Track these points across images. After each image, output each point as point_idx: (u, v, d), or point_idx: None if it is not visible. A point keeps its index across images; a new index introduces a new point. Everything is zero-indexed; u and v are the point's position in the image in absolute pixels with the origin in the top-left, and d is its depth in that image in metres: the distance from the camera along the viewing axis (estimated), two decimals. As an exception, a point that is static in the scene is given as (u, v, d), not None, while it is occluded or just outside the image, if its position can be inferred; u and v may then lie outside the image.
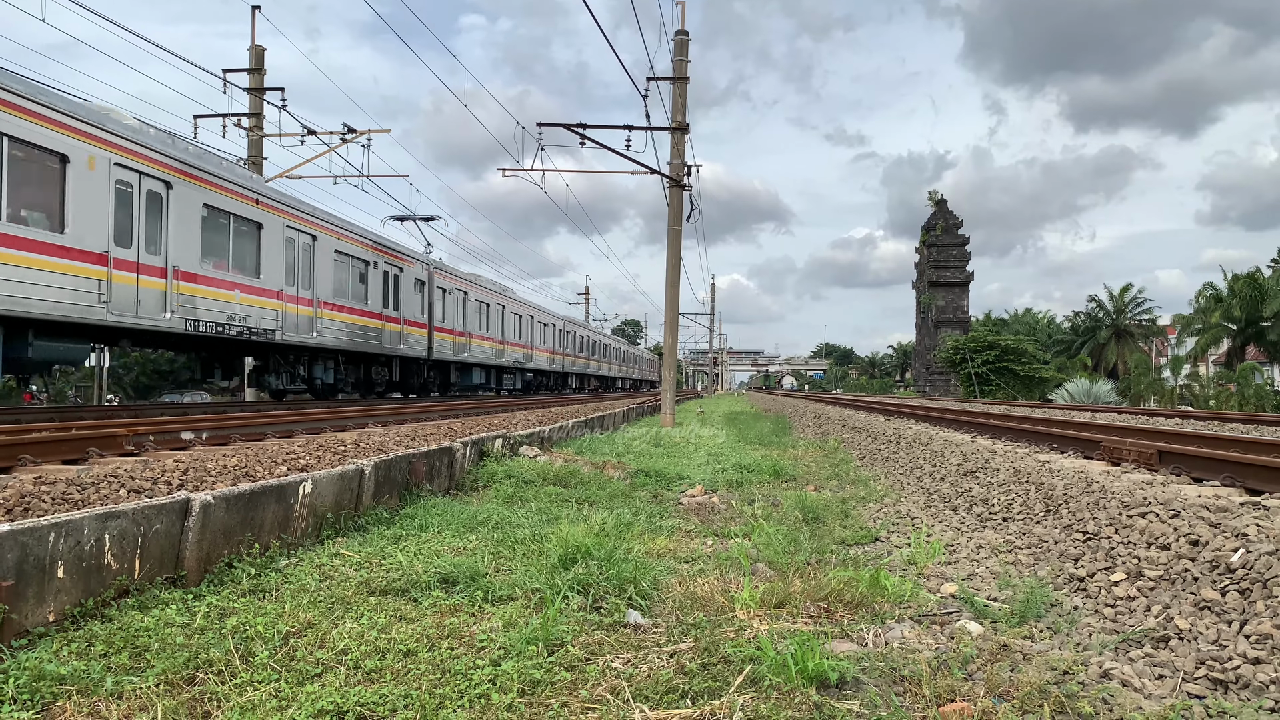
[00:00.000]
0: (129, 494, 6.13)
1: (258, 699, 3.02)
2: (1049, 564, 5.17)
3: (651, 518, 7.04)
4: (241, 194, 17.11)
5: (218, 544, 4.65)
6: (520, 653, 3.51)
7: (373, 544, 5.54)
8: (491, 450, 9.93)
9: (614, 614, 4.18)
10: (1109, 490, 5.78)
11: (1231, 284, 53.78)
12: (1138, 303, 71.97)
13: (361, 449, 9.73)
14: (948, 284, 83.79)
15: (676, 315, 21.85)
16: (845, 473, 10.93)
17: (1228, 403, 38.50)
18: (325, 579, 4.64)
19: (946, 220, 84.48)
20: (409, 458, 7.53)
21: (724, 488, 9.38)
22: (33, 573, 3.56)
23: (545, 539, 5.56)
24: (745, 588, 4.48)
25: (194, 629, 3.68)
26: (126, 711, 2.89)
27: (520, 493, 8.04)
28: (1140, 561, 4.54)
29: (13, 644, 3.36)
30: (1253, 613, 3.64)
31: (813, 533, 6.60)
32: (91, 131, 13.01)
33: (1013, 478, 7.40)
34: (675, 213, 20.93)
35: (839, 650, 3.68)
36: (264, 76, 25.31)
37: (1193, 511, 4.77)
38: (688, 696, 3.15)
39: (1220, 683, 3.30)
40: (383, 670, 3.33)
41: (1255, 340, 53.06)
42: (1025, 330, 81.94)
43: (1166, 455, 6.85)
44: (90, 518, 3.88)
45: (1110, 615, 4.21)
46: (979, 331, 69.74)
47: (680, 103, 20.86)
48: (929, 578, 5.21)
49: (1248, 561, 3.96)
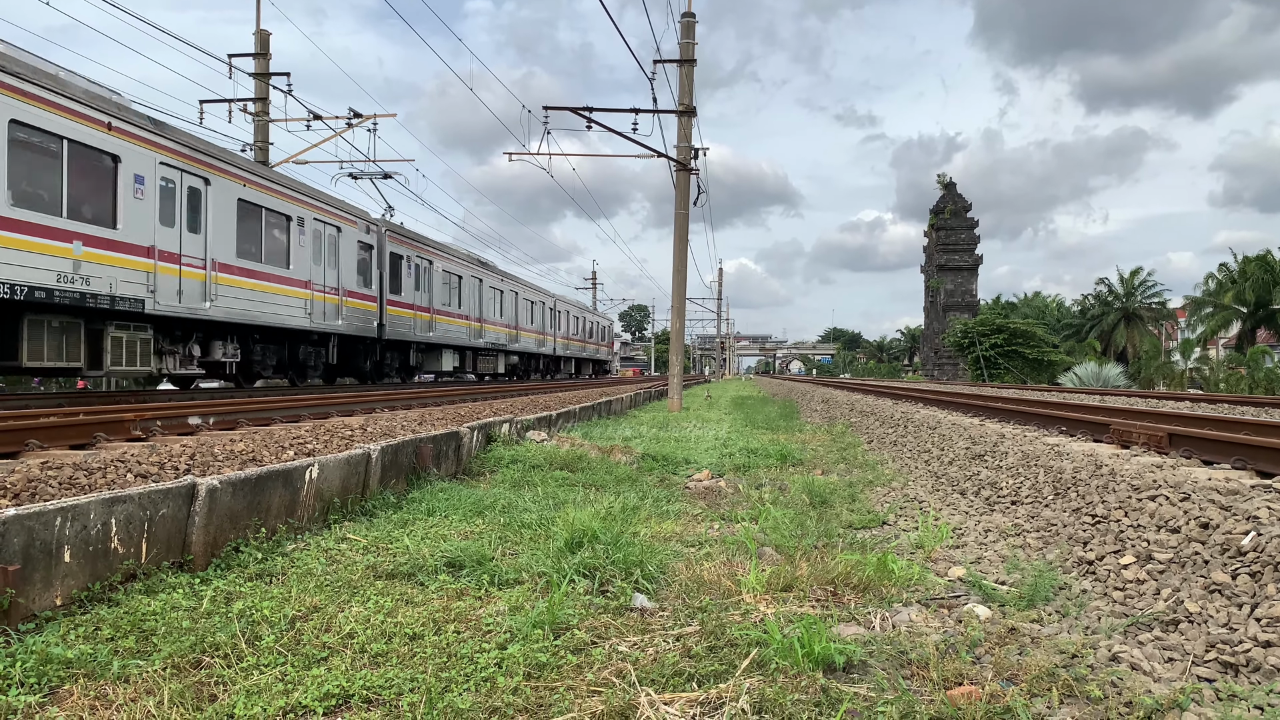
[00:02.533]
0: (136, 478, 6.15)
1: (264, 682, 3.02)
2: (1058, 547, 5.14)
3: (658, 502, 7.03)
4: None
5: (224, 528, 4.66)
6: (526, 636, 3.50)
7: (379, 528, 5.54)
8: (498, 435, 9.93)
9: (620, 598, 4.17)
10: (1118, 473, 5.74)
11: (1243, 266, 53.42)
12: (1147, 286, 71.60)
13: (368, 434, 9.74)
14: (956, 267, 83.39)
15: (684, 300, 21.80)
16: (853, 457, 10.91)
17: (1238, 386, 38.30)
18: (331, 563, 4.65)
19: (955, 203, 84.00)
20: (416, 442, 7.53)
21: (731, 472, 9.37)
22: (40, 557, 3.57)
23: (552, 523, 5.55)
24: (752, 571, 4.47)
25: (200, 613, 3.69)
26: (133, 695, 2.89)
27: (527, 477, 8.04)
28: (1150, 545, 4.51)
29: (20, 628, 3.37)
30: (1264, 596, 3.61)
31: (820, 516, 6.58)
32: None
33: (1021, 461, 7.36)
34: (682, 197, 20.86)
35: (846, 634, 3.67)
36: (269, 61, 25.23)
37: (1203, 494, 4.74)
38: (694, 680, 3.14)
39: (1230, 666, 3.28)
40: (389, 654, 3.33)
41: (1266, 323, 52.74)
42: (1034, 314, 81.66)
43: (1177, 438, 6.80)
44: (97, 502, 3.89)
45: (1119, 599, 4.18)
46: (987, 315, 69.48)
47: (687, 85, 20.75)
48: (936, 561, 5.19)
49: (1259, 544, 3.92)
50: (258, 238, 17.92)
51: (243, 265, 17.28)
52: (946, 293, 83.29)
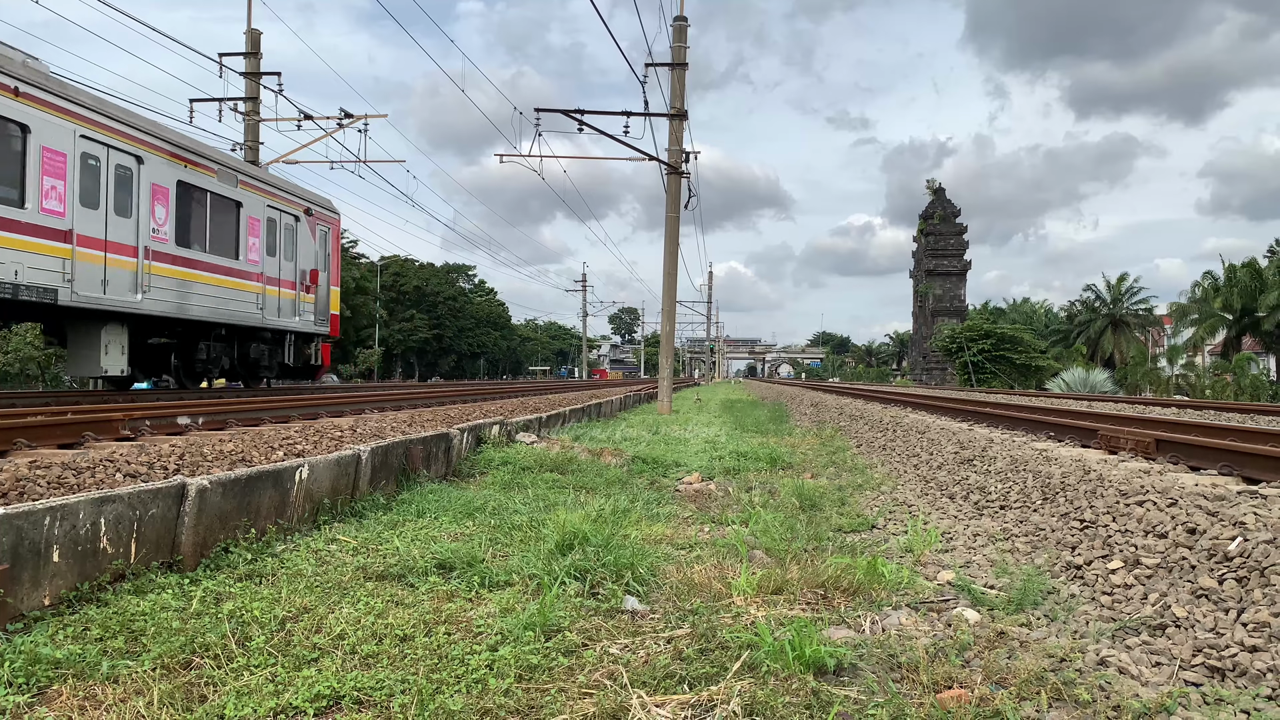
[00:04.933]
0: (125, 478, 6.11)
1: (254, 683, 3.01)
2: (1046, 552, 5.17)
3: (649, 504, 7.03)
4: None
5: (214, 529, 4.64)
6: (517, 638, 3.50)
7: (369, 529, 5.53)
8: (489, 437, 9.92)
9: (611, 600, 4.18)
10: (1106, 478, 5.78)
11: (1229, 273, 53.81)
12: (1134, 292, 72.05)
13: (358, 435, 9.72)
14: (945, 273, 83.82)
15: (674, 303, 21.83)
16: (842, 460, 10.93)
17: (1224, 393, 38.58)
18: (322, 564, 4.64)
19: (944, 209, 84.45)
20: (406, 444, 7.52)
21: (721, 475, 9.38)
22: (28, 556, 3.55)
23: (542, 525, 5.55)
24: (743, 574, 4.48)
25: (190, 613, 3.67)
26: (122, 695, 2.88)
27: (517, 479, 8.03)
28: (1138, 550, 4.54)
29: (8, 628, 3.35)
30: (1250, 601, 3.64)
31: (810, 520, 6.60)
32: None
33: (1010, 466, 7.40)
34: (673, 200, 20.89)
35: (836, 637, 3.68)
36: (260, 61, 25.15)
37: (1190, 500, 4.77)
38: (685, 682, 3.15)
39: (1217, 670, 3.31)
40: (379, 655, 3.33)
41: (1251, 330, 53.13)
42: (1022, 319, 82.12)
43: (1164, 444, 6.85)
44: (86, 502, 3.87)
45: (1107, 603, 4.21)
46: (976, 320, 69.81)
47: (679, 89, 20.78)
48: (926, 565, 5.21)
49: (1245, 550, 3.96)
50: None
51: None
52: (935, 298, 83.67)
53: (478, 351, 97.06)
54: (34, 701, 2.84)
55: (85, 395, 15.97)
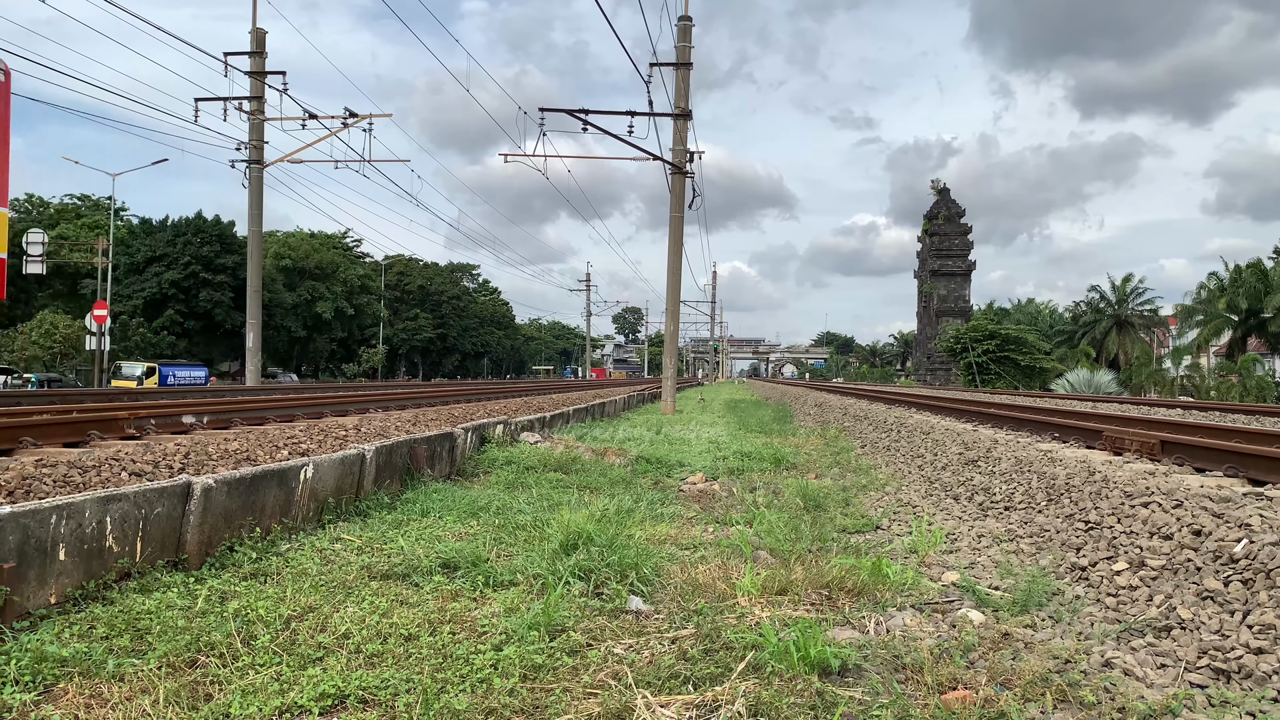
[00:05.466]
0: (130, 477, 6.13)
1: (259, 682, 3.01)
2: (1051, 553, 5.17)
3: (653, 504, 7.03)
4: None
5: (219, 527, 4.65)
6: (522, 638, 3.50)
7: (374, 529, 5.54)
8: (493, 436, 9.92)
9: (615, 600, 4.18)
10: (1111, 480, 5.77)
11: (1233, 274, 53.67)
12: (1139, 293, 71.91)
13: (363, 434, 9.73)
14: (949, 273, 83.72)
15: (678, 303, 21.84)
16: (846, 461, 10.93)
17: (1229, 394, 38.49)
18: (326, 563, 4.64)
19: (949, 209, 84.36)
20: (410, 443, 7.52)
21: (725, 475, 9.38)
22: (34, 555, 3.56)
23: (546, 525, 5.55)
24: (747, 575, 4.48)
25: (195, 612, 3.68)
26: (128, 693, 2.89)
27: (521, 479, 8.04)
28: (1143, 551, 4.53)
29: (14, 625, 3.36)
30: (1256, 603, 3.63)
31: (814, 520, 6.59)
32: None
33: (1014, 467, 7.39)
34: (677, 199, 20.88)
35: (841, 637, 3.68)
36: (265, 60, 25.19)
37: (1196, 501, 4.76)
38: (690, 682, 3.15)
39: (1223, 672, 3.30)
40: (384, 654, 3.33)
41: (1257, 331, 52.99)
42: (1027, 320, 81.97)
43: (1169, 445, 6.84)
44: (92, 500, 3.88)
45: (1112, 605, 4.20)
46: (980, 321, 69.73)
47: (683, 89, 20.78)
48: (930, 566, 5.21)
49: (1251, 552, 3.95)
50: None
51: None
52: (939, 298, 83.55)
53: (481, 351, 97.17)
54: (40, 699, 2.85)
55: (91, 394, 16.03)
